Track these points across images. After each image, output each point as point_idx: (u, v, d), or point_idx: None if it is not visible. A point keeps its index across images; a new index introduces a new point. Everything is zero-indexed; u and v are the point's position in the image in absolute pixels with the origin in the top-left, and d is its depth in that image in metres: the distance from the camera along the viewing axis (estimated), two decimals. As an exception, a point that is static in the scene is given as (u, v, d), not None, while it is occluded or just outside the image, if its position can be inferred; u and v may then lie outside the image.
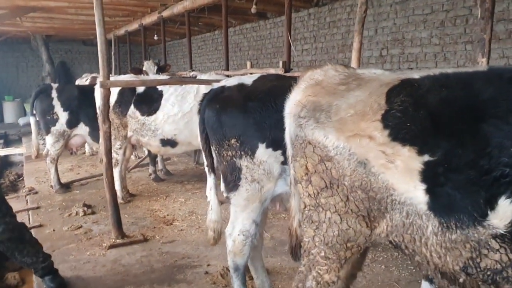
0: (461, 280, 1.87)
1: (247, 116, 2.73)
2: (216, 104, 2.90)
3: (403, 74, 2.06)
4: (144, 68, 8.72)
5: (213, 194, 3.09)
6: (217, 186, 3.13)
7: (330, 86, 2.13)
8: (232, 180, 2.82)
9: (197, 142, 5.90)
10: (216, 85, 3.09)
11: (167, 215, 5.57)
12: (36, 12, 10.76)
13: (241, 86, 2.91)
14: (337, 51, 8.76)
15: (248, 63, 6.47)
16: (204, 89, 5.71)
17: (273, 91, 2.68)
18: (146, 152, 8.40)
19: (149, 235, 4.81)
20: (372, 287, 3.57)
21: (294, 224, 2.47)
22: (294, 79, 2.42)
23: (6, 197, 3.82)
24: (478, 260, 1.72)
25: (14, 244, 3.43)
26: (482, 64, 2.93)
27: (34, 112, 6.81)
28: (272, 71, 5.55)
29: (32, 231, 4.54)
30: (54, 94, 6.67)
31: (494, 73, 1.88)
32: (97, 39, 4.32)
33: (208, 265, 4.04)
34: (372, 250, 4.03)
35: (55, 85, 6.89)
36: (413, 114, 1.86)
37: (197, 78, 6.26)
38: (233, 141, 2.76)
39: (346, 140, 1.97)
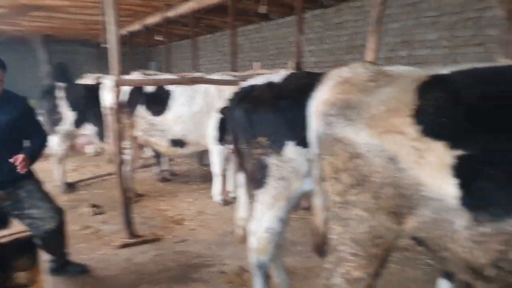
0: (491, 274, 1.88)
1: (279, 115, 2.73)
2: (247, 103, 2.90)
3: (432, 70, 2.09)
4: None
5: (243, 193, 3.10)
6: (245, 184, 3.12)
7: (360, 84, 2.14)
8: (260, 178, 2.82)
9: (205, 142, 5.93)
10: (244, 84, 3.10)
11: (176, 214, 5.58)
12: (37, 10, 10.73)
13: (271, 84, 2.91)
14: (344, 52, 8.77)
15: (257, 64, 6.50)
16: (213, 89, 5.75)
17: (305, 89, 2.68)
18: (147, 153, 8.41)
19: (160, 235, 4.80)
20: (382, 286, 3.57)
21: (319, 222, 2.49)
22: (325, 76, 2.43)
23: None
24: (511, 252, 1.74)
25: (61, 235, 3.60)
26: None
27: (41, 111, 6.79)
28: (282, 72, 5.55)
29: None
30: (61, 93, 6.65)
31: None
32: (110, 37, 4.32)
33: (223, 264, 4.04)
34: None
35: (62, 85, 6.85)
36: (447, 109, 1.88)
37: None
38: (263, 139, 2.76)
39: (378, 137, 1.98)
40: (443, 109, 1.89)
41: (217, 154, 5.81)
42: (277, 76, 3.04)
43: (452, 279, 3.19)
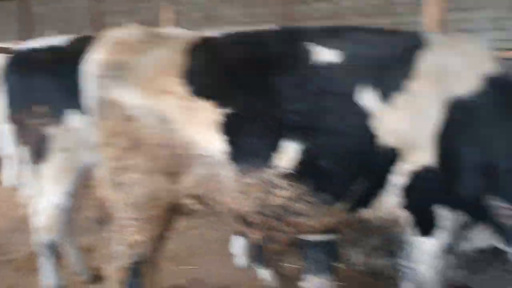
0: (256, 221, 2.07)
1: (59, 80, 2.53)
2: (23, 68, 2.63)
3: (204, 33, 2.16)
4: None
5: (27, 168, 2.78)
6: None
7: (133, 45, 2.09)
8: (41, 150, 2.60)
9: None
10: (22, 47, 2.77)
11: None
12: None
13: (52, 48, 2.67)
14: (153, 26, 8.58)
15: (51, 33, 5.91)
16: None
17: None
18: None
19: None
20: (180, 250, 3.66)
21: (103, 191, 2.38)
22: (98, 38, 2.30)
23: None
24: (270, 199, 1.94)
25: None
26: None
27: None
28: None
29: None
30: None
31: (284, 31, 2.13)
32: None
33: (12, 252, 3.68)
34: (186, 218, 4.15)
35: None
36: (213, 70, 1.99)
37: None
38: (42, 108, 2.53)
39: (150, 98, 1.97)
40: (209, 70, 1.99)
41: (6, 133, 5.13)
42: (60, 39, 2.81)
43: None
